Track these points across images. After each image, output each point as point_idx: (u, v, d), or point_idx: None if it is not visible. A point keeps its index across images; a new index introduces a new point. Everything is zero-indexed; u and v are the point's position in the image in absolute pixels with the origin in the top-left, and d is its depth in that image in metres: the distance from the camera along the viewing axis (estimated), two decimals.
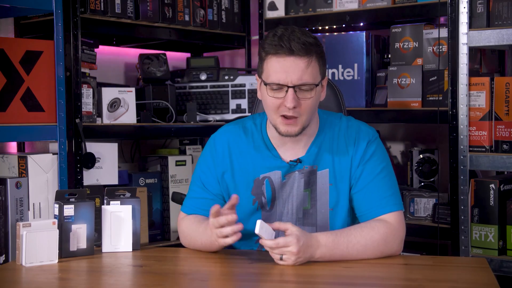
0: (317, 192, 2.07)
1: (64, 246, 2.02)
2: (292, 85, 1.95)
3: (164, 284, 1.78)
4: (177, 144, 3.47)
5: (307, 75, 1.96)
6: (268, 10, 3.50)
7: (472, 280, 1.80)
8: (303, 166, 2.07)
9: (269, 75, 1.98)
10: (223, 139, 2.14)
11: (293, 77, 1.95)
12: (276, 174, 2.08)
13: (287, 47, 1.94)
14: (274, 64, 1.97)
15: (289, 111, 1.97)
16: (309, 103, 1.98)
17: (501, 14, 2.71)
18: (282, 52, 1.95)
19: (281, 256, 1.88)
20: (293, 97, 1.95)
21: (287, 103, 1.96)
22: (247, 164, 2.10)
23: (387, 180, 2.06)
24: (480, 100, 2.76)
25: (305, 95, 1.97)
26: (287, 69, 1.95)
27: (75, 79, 2.72)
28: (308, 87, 1.97)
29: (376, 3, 3.15)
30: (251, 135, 2.13)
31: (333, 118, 2.13)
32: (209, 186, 2.13)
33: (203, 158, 2.16)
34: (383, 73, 3.21)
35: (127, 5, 2.93)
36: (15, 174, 2.61)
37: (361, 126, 2.11)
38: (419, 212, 3.05)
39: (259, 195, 2.09)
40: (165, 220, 3.15)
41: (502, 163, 2.70)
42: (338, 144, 2.08)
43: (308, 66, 1.96)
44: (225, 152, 2.12)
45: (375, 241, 1.96)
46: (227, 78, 3.33)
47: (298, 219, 2.07)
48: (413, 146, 3.39)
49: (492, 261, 2.69)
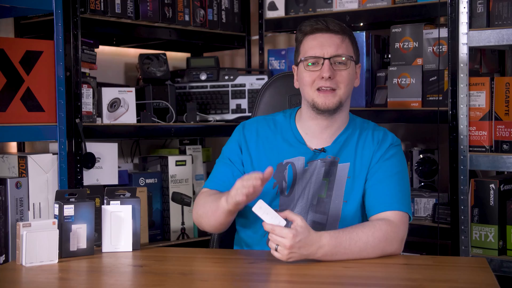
0: (334, 183, 2.11)
1: (64, 246, 2.02)
2: (328, 56, 2.07)
3: (164, 284, 1.78)
4: (177, 144, 3.47)
5: (342, 49, 2.10)
6: (268, 10, 3.50)
7: (472, 280, 1.80)
8: (326, 156, 2.13)
9: (306, 51, 2.11)
10: (252, 126, 2.23)
11: (328, 49, 2.08)
12: (300, 160, 2.13)
13: (324, 25, 2.10)
14: (311, 41, 2.11)
15: (326, 81, 2.06)
16: (345, 76, 2.09)
17: (501, 14, 2.71)
18: (319, 30, 2.10)
19: (277, 247, 1.88)
20: (329, 67, 2.07)
21: (324, 73, 2.06)
22: (272, 149, 2.17)
23: (401, 183, 2.11)
24: (480, 100, 2.76)
25: (340, 67, 2.09)
26: (323, 43, 2.09)
27: (75, 79, 2.71)
28: (343, 59, 2.09)
29: (376, 3, 3.15)
30: (280, 126, 2.21)
31: (362, 121, 2.24)
32: (235, 162, 2.19)
33: (231, 141, 2.24)
34: (383, 73, 3.21)
35: (127, 5, 2.93)
36: (15, 174, 2.61)
37: (387, 131, 2.21)
38: (419, 212, 3.06)
39: (280, 180, 2.13)
40: (165, 220, 3.15)
41: (502, 163, 2.70)
42: (364, 143, 2.15)
43: (342, 41, 2.10)
44: (252, 136, 2.20)
45: (376, 238, 1.97)
46: (227, 78, 3.33)
47: (312, 205, 2.11)
48: (413, 146, 3.39)
49: (492, 261, 2.69)
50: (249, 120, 2.26)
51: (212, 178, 2.22)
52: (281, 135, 2.19)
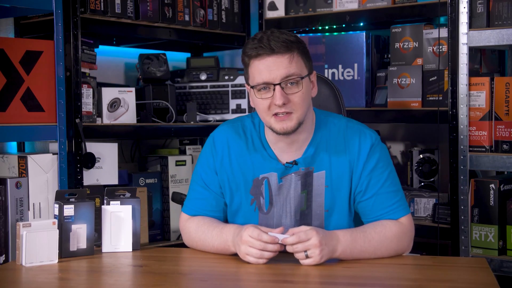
0: (312, 194, 2.06)
1: (64, 246, 2.02)
2: (278, 82, 1.95)
3: (164, 284, 1.78)
4: (177, 144, 3.47)
5: (291, 69, 1.96)
6: (268, 10, 3.50)
7: (472, 280, 1.80)
8: (299, 168, 2.06)
9: (254, 77, 1.99)
10: (222, 138, 2.13)
11: (277, 73, 1.95)
12: (273, 176, 2.07)
13: (268, 47, 1.94)
14: (257, 66, 1.97)
15: (280, 108, 1.96)
16: (299, 97, 1.97)
17: (501, 14, 2.71)
18: (263, 53, 1.95)
19: (306, 254, 1.87)
20: (281, 93, 1.95)
21: (276, 101, 1.95)
22: (246, 163, 2.10)
23: (394, 186, 2.07)
24: (480, 100, 2.76)
25: (292, 89, 1.97)
26: (270, 68, 1.95)
27: (75, 79, 2.71)
28: (294, 80, 1.96)
29: (376, 3, 3.15)
30: (250, 134, 2.12)
31: (331, 118, 2.12)
32: (211, 185, 2.12)
33: (204, 157, 2.15)
34: (383, 73, 3.21)
35: (127, 5, 2.93)
36: (15, 174, 2.61)
37: (362, 128, 2.09)
38: (419, 212, 3.06)
39: (257, 195, 2.08)
40: (165, 220, 3.15)
41: (502, 163, 2.70)
42: (336, 144, 2.07)
43: (291, 61, 1.96)
44: (224, 151, 2.11)
45: (388, 238, 1.98)
46: (227, 78, 3.33)
47: (296, 221, 2.07)
48: (413, 146, 3.39)
49: (492, 261, 2.69)
50: (217, 131, 2.16)
51: (192, 202, 2.15)
52: (253, 146, 2.10)
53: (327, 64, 3.31)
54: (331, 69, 3.29)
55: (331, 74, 3.28)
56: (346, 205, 2.06)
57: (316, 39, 3.34)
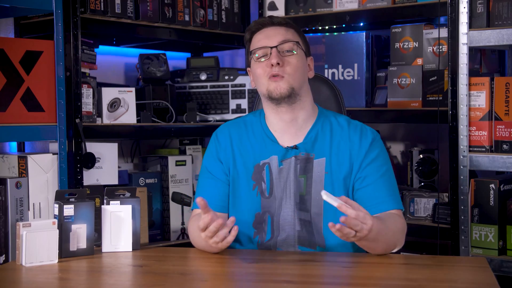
0: (312, 180, 2.11)
1: (64, 246, 2.02)
2: (275, 44, 2.11)
3: (164, 284, 1.78)
4: (177, 144, 3.47)
5: (288, 36, 2.14)
6: (268, 10, 3.50)
7: (472, 280, 1.80)
8: (299, 153, 2.13)
9: (254, 46, 2.16)
10: (224, 131, 2.24)
11: (274, 39, 2.12)
12: (274, 160, 2.14)
13: (268, 20, 2.17)
14: (257, 37, 2.16)
15: (274, 68, 2.08)
16: (293, 62, 2.11)
17: (501, 14, 2.71)
18: (264, 25, 2.17)
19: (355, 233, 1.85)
20: (276, 54, 2.10)
21: (272, 59, 2.09)
22: (247, 151, 2.18)
23: (393, 180, 2.14)
24: (480, 100, 2.76)
25: (288, 55, 2.12)
26: (269, 35, 2.14)
27: (75, 79, 2.71)
28: (290, 46, 2.12)
29: (376, 3, 3.15)
30: (251, 124, 2.22)
31: (333, 114, 2.23)
32: (216, 173, 2.19)
33: (208, 151, 2.25)
34: (383, 73, 3.21)
35: (127, 5, 2.93)
36: (15, 174, 2.61)
37: (364, 125, 2.20)
38: (419, 212, 3.06)
39: (259, 181, 2.14)
40: (165, 220, 3.15)
41: (502, 163, 2.70)
42: (337, 134, 2.15)
43: (287, 31, 2.15)
44: (227, 143, 2.20)
45: (398, 230, 2.03)
46: (227, 78, 3.33)
47: (296, 204, 2.12)
48: (413, 146, 3.39)
49: (492, 261, 2.69)
50: (220, 127, 2.27)
51: (199, 194, 2.19)
52: (254, 135, 2.19)
53: (327, 64, 3.31)
54: (331, 69, 3.29)
55: (331, 74, 3.28)
56: (343, 192, 2.10)
57: (316, 39, 3.34)
